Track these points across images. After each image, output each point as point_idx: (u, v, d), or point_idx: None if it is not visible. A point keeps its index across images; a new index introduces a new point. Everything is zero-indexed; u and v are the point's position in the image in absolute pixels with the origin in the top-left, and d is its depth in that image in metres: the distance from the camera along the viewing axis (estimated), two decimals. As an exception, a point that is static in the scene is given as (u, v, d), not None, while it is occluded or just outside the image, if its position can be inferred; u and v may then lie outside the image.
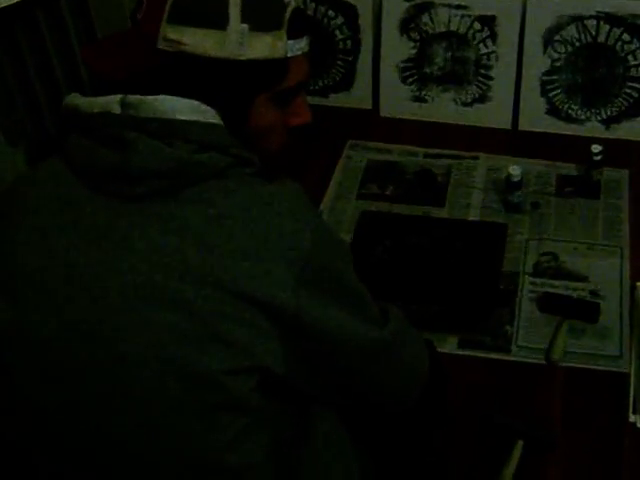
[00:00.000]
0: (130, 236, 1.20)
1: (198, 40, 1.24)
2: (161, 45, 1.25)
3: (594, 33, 2.45)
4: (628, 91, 2.50)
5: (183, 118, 1.23)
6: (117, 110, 1.24)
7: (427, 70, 2.61)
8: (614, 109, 2.52)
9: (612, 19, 2.43)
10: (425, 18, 2.55)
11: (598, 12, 2.43)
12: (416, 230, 2.28)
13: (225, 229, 1.19)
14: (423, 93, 2.63)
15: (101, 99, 1.25)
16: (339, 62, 2.68)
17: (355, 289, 1.30)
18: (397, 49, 2.60)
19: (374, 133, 2.58)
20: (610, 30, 2.44)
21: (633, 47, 2.44)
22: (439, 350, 1.93)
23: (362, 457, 1.47)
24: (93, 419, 1.22)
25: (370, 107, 2.69)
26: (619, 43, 2.45)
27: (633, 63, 2.46)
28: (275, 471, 1.29)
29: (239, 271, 1.18)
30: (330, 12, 2.61)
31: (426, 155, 2.53)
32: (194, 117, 1.23)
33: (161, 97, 1.23)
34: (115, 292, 1.19)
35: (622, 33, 2.44)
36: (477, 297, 2.10)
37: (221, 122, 1.26)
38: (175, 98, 1.23)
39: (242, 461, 1.25)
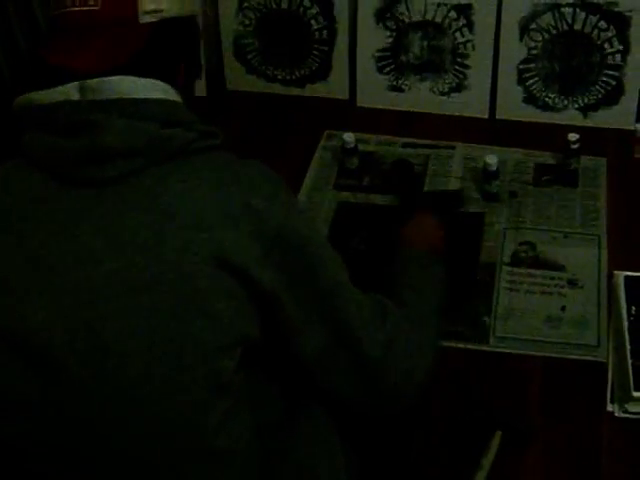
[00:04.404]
0: (105, 222, 1.20)
1: (168, 4, 1.30)
2: (144, 20, 1.28)
3: (570, 21, 2.44)
4: (605, 79, 2.49)
5: (145, 97, 1.24)
6: (76, 96, 1.24)
7: (404, 59, 2.59)
8: (591, 97, 2.52)
9: (588, 7, 2.42)
10: (401, 7, 2.53)
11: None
12: (393, 220, 2.26)
13: (197, 203, 1.20)
14: (400, 82, 2.62)
15: (58, 89, 1.25)
16: (315, 52, 2.66)
17: (318, 260, 1.32)
18: (373, 38, 2.58)
19: (351, 123, 2.56)
20: (586, 18, 2.43)
21: (610, 35, 2.44)
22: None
23: (346, 449, 1.47)
24: (78, 412, 1.21)
25: (347, 97, 2.68)
26: (596, 31, 2.44)
27: (610, 51, 2.46)
28: (262, 456, 1.29)
29: (212, 245, 1.19)
30: (305, 2, 2.60)
31: (403, 145, 2.52)
32: (155, 95, 1.25)
33: (119, 77, 1.24)
34: (97, 281, 1.18)
35: (598, 21, 2.43)
36: (454, 287, 2.09)
37: (180, 99, 1.29)
38: (134, 78, 1.25)
39: (229, 445, 1.25)
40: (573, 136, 2.32)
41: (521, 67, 2.52)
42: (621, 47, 2.44)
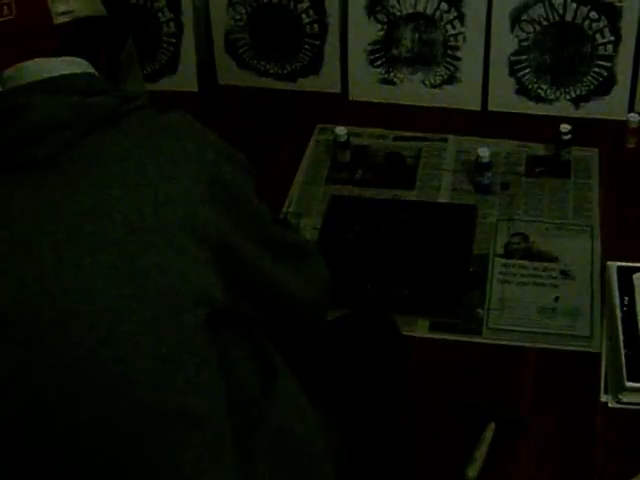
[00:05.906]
0: (50, 200, 1.21)
1: (79, 5, 1.34)
2: (58, 20, 1.32)
3: (561, 12, 2.44)
4: (597, 70, 2.49)
5: (63, 73, 1.28)
6: None
7: (395, 52, 2.59)
8: (583, 88, 2.52)
9: (579, -3, 2.42)
10: (392, 0, 2.53)
11: (565, -10, 2.42)
12: (386, 214, 2.27)
13: (135, 160, 1.23)
14: (391, 75, 2.62)
15: None
16: (306, 46, 2.66)
17: (254, 209, 1.36)
18: (364, 32, 2.58)
19: (343, 117, 2.56)
20: (577, 8, 2.43)
21: (601, 25, 2.44)
22: (411, 334, 1.95)
23: (323, 416, 1.48)
24: (45, 374, 1.22)
25: (339, 91, 2.68)
26: (587, 21, 2.44)
27: (601, 41, 2.46)
28: (236, 431, 1.29)
29: (159, 198, 1.21)
30: (296, -4, 2.60)
31: (395, 138, 2.52)
32: (74, 70, 1.30)
33: (37, 60, 1.28)
34: (47, 251, 1.19)
35: (589, 11, 2.43)
36: (447, 280, 2.10)
37: (95, 72, 1.33)
38: (51, 58, 1.29)
39: (200, 408, 1.25)
40: (565, 127, 2.32)
41: (512, 59, 2.52)
42: (612, 38, 2.44)
